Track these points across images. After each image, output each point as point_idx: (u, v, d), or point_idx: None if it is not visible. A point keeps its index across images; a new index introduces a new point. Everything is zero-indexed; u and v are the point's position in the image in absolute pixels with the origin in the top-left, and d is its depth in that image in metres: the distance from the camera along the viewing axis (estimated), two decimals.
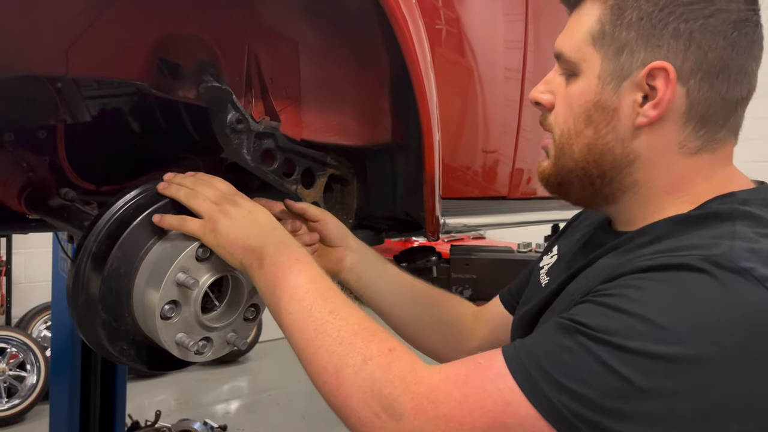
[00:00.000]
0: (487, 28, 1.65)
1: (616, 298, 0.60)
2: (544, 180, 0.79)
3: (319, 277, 0.75)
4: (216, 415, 4.08)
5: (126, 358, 0.82)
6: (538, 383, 0.59)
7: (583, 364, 0.58)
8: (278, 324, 0.75)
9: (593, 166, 0.73)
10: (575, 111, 0.72)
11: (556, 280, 0.80)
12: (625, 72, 0.69)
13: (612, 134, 0.71)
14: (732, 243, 0.61)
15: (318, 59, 1.12)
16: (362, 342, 0.67)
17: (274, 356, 5.14)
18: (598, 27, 0.71)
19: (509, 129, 1.75)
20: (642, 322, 0.57)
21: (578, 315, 0.61)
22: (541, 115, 0.79)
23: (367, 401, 0.64)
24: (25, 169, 1.14)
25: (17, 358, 3.86)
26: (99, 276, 0.78)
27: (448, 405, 0.62)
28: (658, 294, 0.59)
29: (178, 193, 0.83)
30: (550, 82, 0.77)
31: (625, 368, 0.56)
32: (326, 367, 0.67)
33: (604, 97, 0.70)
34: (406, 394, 0.63)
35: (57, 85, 1.08)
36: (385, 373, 0.65)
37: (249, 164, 1.10)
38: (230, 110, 1.04)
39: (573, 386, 0.58)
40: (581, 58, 0.72)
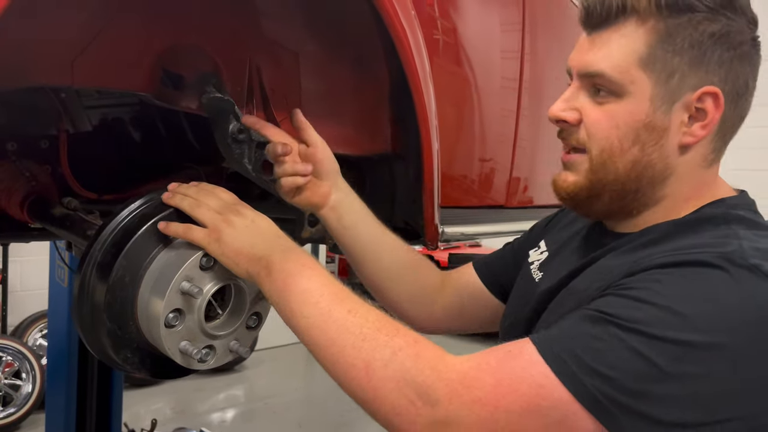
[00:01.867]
0: (484, 38, 1.67)
1: (640, 291, 0.65)
2: (571, 194, 0.81)
3: (330, 281, 0.77)
4: (212, 423, 4.07)
5: (130, 366, 0.83)
6: (572, 368, 0.63)
7: (614, 351, 0.62)
8: (293, 329, 0.75)
9: (633, 182, 0.77)
10: (622, 129, 0.75)
11: (553, 277, 0.85)
12: (676, 95, 0.74)
13: (658, 152, 0.76)
14: (740, 242, 0.68)
15: (318, 70, 1.14)
16: (386, 336, 0.69)
17: (271, 365, 5.13)
18: (648, 51, 0.74)
19: (506, 138, 1.77)
20: (666, 312, 0.63)
21: (604, 306, 0.66)
22: (561, 131, 0.81)
23: (402, 390, 0.65)
24: (28, 178, 1.15)
25: (12, 366, 3.84)
26: (104, 285, 0.79)
27: (483, 390, 0.64)
28: (680, 287, 0.64)
29: (182, 203, 0.84)
30: (572, 99, 0.79)
31: (652, 353, 0.61)
32: (354, 364, 0.68)
33: (656, 119, 0.74)
34: (439, 381, 0.65)
35: (60, 96, 1.09)
36: (416, 362, 0.66)
37: (250, 173, 1.11)
38: (232, 120, 1.05)
39: (605, 371, 0.62)
40: (629, 80, 0.74)
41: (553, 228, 1.01)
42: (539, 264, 0.94)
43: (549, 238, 0.98)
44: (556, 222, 1.02)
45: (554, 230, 1.00)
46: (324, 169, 1.03)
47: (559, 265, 0.87)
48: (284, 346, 5.40)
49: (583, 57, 0.78)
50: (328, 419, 4.11)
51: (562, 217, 1.02)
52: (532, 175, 1.89)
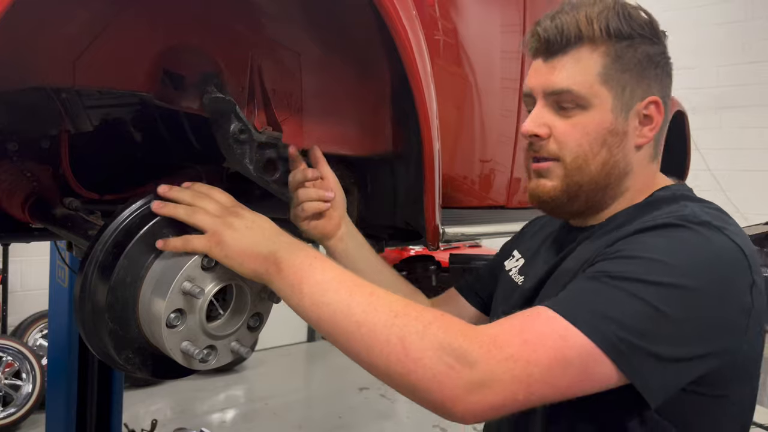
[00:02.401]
0: (485, 38, 1.67)
1: (625, 251, 0.79)
2: (550, 198, 0.92)
3: (343, 271, 0.79)
4: (212, 424, 4.07)
5: (131, 366, 0.83)
6: (587, 317, 0.72)
7: (620, 298, 0.73)
8: (314, 320, 0.76)
9: (603, 179, 0.91)
10: (592, 136, 0.89)
11: (535, 275, 0.96)
12: (629, 104, 0.90)
13: (621, 153, 0.90)
14: (692, 208, 0.84)
15: (319, 71, 1.14)
16: (416, 312, 0.74)
17: (271, 365, 5.13)
18: (604, 70, 0.88)
19: (507, 139, 1.77)
20: (652, 262, 0.75)
21: (601, 269, 0.78)
22: (531, 144, 0.93)
23: (441, 357, 0.70)
24: (29, 179, 1.15)
25: (13, 366, 3.84)
26: (106, 285, 0.79)
27: (513, 347, 0.71)
28: (657, 243, 0.78)
29: (177, 212, 0.83)
30: (540, 117, 0.91)
31: (649, 296, 0.73)
32: (389, 340, 0.71)
33: (617, 125, 0.89)
34: (474, 343, 0.70)
35: (61, 96, 1.09)
36: (448, 332, 0.71)
37: (251, 174, 1.11)
38: (233, 121, 1.05)
39: (616, 315, 0.72)
40: (593, 94, 0.88)
41: (523, 238, 1.14)
42: (518, 269, 1.05)
43: (521, 247, 1.11)
44: (524, 233, 1.16)
45: (524, 240, 1.13)
46: (337, 199, 1.11)
47: (538, 265, 0.98)
48: (284, 347, 5.41)
49: (547, 79, 0.90)
50: (328, 420, 4.11)
51: (528, 228, 1.16)
52: None
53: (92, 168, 1.26)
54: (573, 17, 0.89)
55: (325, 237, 1.11)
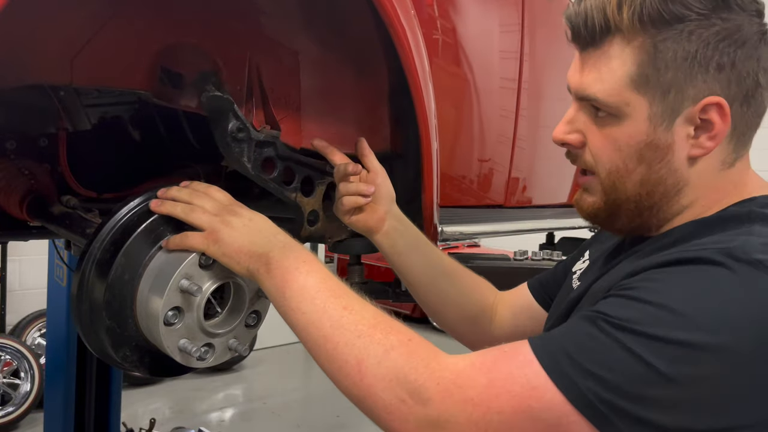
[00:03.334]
0: (484, 38, 1.67)
1: (637, 290, 0.64)
2: (591, 215, 0.81)
3: (328, 277, 0.77)
4: (211, 423, 4.07)
5: (128, 364, 0.83)
6: (565, 369, 0.61)
7: (609, 351, 0.60)
8: (291, 325, 0.75)
9: (645, 198, 0.75)
10: (624, 152, 0.74)
11: (584, 284, 0.84)
12: (676, 110, 0.71)
13: (666, 168, 0.74)
14: (747, 238, 0.65)
15: (318, 69, 1.14)
16: (381, 333, 0.69)
17: (269, 364, 5.13)
18: (638, 71, 0.71)
19: (505, 139, 1.77)
20: (663, 311, 0.60)
21: (601, 307, 0.65)
22: (568, 153, 0.81)
23: (393, 389, 0.65)
24: (27, 177, 1.15)
25: (11, 365, 3.84)
26: (103, 282, 0.79)
27: (475, 389, 0.63)
28: (678, 285, 0.62)
29: (174, 210, 0.83)
30: (574, 121, 0.78)
31: (649, 354, 0.59)
32: (347, 361, 0.68)
33: (657, 137, 0.72)
34: (431, 380, 0.64)
35: (59, 94, 1.09)
36: (408, 360, 0.66)
37: (249, 172, 1.11)
38: (231, 119, 1.05)
39: (599, 372, 0.60)
40: (624, 102, 0.72)
41: (600, 237, 0.99)
42: (580, 273, 0.93)
43: (593, 249, 0.97)
44: (604, 233, 0.98)
45: (600, 240, 0.98)
46: (381, 194, 1.08)
47: (594, 272, 0.86)
48: (282, 346, 5.40)
49: (579, 77, 0.76)
50: (327, 419, 4.11)
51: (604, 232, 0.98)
52: (531, 175, 1.89)
53: (90, 166, 1.26)
54: (601, 1, 0.72)
55: (369, 231, 1.08)
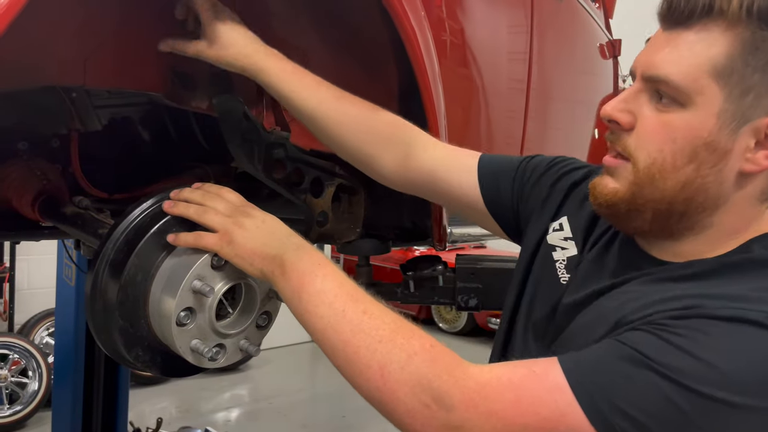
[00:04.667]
0: (492, 39, 1.67)
1: (684, 339, 0.62)
2: (609, 202, 0.75)
3: (345, 281, 0.76)
4: (217, 423, 4.08)
5: (141, 364, 0.84)
6: (600, 405, 0.62)
7: (648, 396, 0.61)
8: (307, 328, 0.75)
9: (680, 203, 0.71)
10: (678, 144, 0.69)
11: (580, 290, 0.81)
12: (747, 116, 0.67)
13: (714, 176, 0.69)
14: None
15: (327, 70, 1.14)
16: (403, 339, 0.68)
17: (275, 364, 5.14)
18: (726, 61, 0.66)
19: (514, 140, 1.77)
20: (707, 367, 0.60)
21: (642, 346, 0.63)
22: (611, 133, 0.75)
23: (417, 394, 0.65)
24: (39, 177, 1.15)
25: (19, 364, 3.86)
26: (116, 283, 0.79)
27: (501, 403, 0.63)
28: (725, 343, 0.62)
29: (187, 211, 0.83)
30: (631, 101, 0.72)
31: (687, 406, 0.60)
32: (369, 365, 0.68)
33: (720, 138, 0.67)
34: (455, 387, 0.65)
35: (71, 95, 1.10)
36: (432, 367, 0.66)
37: (259, 174, 1.12)
38: (242, 121, 1.06)
39: (635, 414, 0.61)
40: (697, 90, 0.67)
41: (575, 200, 0.91)
42: (566, 260, 0.87)
43: (571, 216, 0.90)
44: (579, 194, 0.91)
45: (575, 204, 0.91)
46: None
47: (587, 277, 0.82)
48: (288, 346, 5.41)
49: (652, 57, 0.70)
50: (333, 420, 4.11)
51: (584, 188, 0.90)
52: None
53: (101, 167, 1.27)
54: None
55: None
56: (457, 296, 1.54)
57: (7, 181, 1.15)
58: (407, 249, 5.28)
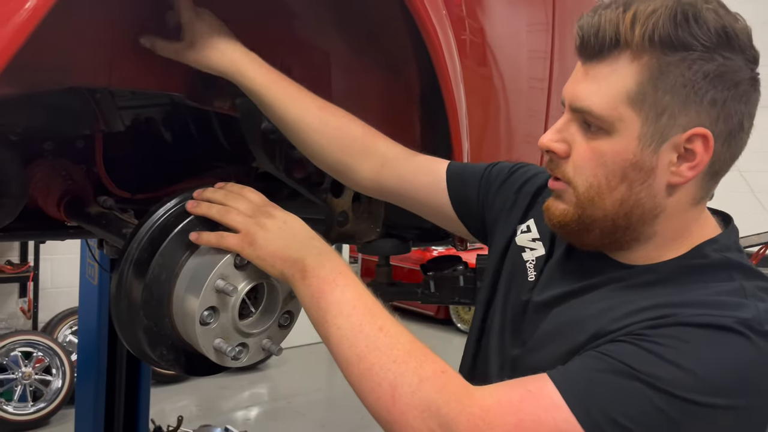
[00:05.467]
0: (513, 38, 1.66)
1: (666, 348, 0.67)
2: (561, 224, 0.80)
3: (364, 293, 0.77)
4: (236, 421, 4.11)
5: (165, 363, 0.84)
6: (596, 419, 0.65)
7: (639, 406, 0.65)
8: (323, 337, 0.76)
9: (622, 219, 0.76)
10: (609, 167, 0.74)
11: (547, 290, 0.84)
12: (665, 135, 0.72)
13: (646, 191, 0.74)
14: (756, 306, 0.69)
15: (349, 71, 1.14)
16: (416, 362, 0.70)
17: (294, 364, 5.16)
18: (637, 88, 0.71)
19: (534, 140, 1.75)
20: (691, 375, 0.65)
21: (627, 358, 0.67)
22: (550, 161, 0.80)
23: (425, 420, 0.67)
24: (64, 177, 1.17)
25: (43, 362, 3.92)
26: (141, 282, 0.80)
27: (504, 427, 0.65)
28: (704, 350, 0.67)
29: (210, 211, 0.83)
30: (564, 130, 0.77)
31: (674, 412, 0.65)
32: (380, 384, 0.69)
33: (643, 158, 0.73)
34: (462, 415, 0.66)
35: (96, 96, 1.11)
36: (441, 393, 0.68)
37: (281, 174, 1.12)
38: (264, 121, 1.06)
39: (629, 425, 0.64)
40: (617, 117, 0.72)
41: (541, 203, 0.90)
42: (534, 259, 0.91)
43: (538, 219, 0.92)
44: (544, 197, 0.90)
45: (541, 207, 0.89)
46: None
47: (553, 278, 0.86)
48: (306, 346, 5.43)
49: (575, 88, 0.76)
50: (350, 420, 4.11)
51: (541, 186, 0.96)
52: None
53: (124, 167, 1.28)
54: (616, 15, 0.72)
55: None
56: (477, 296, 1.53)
57: (33, 181, 1.16)
58: (425, 249, 5.27)
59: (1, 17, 0.62)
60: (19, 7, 0.62)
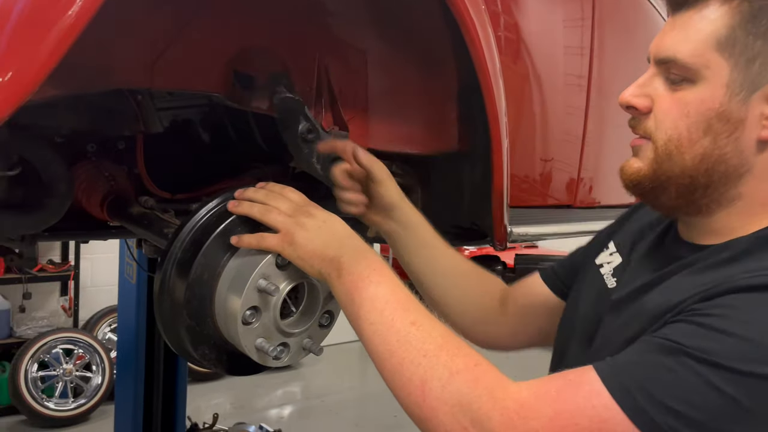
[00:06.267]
0: (552, 34, 1.63)
1: (716, 318, 0.61)
2: (634, 181, 0.77)
3: (398, 288, 0.76)
4: (270, 419, 4.14)
5: (207, 362, 0.85)
6: (641, 404, 0.59)
7: (688, 385, 0.58)
8: (357, 333, 0.75)
9: (702, 176, 0.72)
10: (692, 118, 0.71)
11: (626, 287, 0.81)
12: (756, 83, 0.69)
13: (732, 145, 0.70)
14: None
15: (386, 69, 1.13)
16: (447, 356, 0.68)
17: (326, 363, 5.18)
18: (727, 33, 0.69)
19: (574, 137, 1.72)
20: (746, 343, 0.58)
21: (675, 335, 0.62)
22: (632, 118, 0.77)
23: (456, 415, 0.64)
24: (107, 179, 1.19)
25: (83, 359, 4.02)
26: (184, 282, 0.80)
27: (539, 421, 0.62)
28: (758, 314, 0.60)
29: (251, 210, 0.84)
30: (646, 85, 0.75)
31: (732, 388, 0.57)
32: (411, 379, 0.68)
33: (731, 107, 0.69)
34: (495, 409, 0.63)
35: (137, 98, 1.12)
36: (473, 387, 0.65)
37: (319, 173, 1.12)
38: (302, 121, 1.06)
39: (679, 407, 0.58)
40: (703, 64, 0.70)
41: (622, 227, 0.95)
42: (612, 269, 0.89)
43: (618, 239, 0.93)
44: (624, 221, 0.96)
45: (624, 230, 0.94)
46: (381, 204, 1.05)
47: (633, 275, 0.82)
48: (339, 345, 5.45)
49: (661, 40, 0.74)
50: (384, 419, 4.11)
51: (630, 215, 0.96)
52: (602, 174, 1.83)
53: (163, 168, 1.30)
54: None
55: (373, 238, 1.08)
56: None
57: (78, 182, 1.18)
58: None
59: (49, 20, 0.62)
60: (66, 10, 0.63)
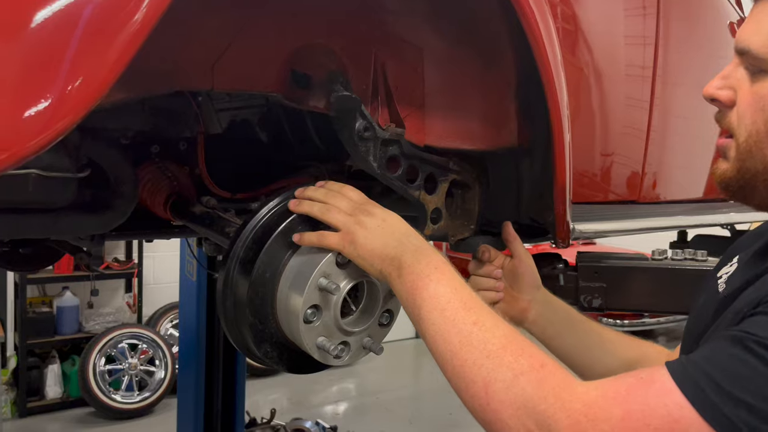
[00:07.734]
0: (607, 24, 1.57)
1: None
2: (722, 183, 0.76)
3: (460, 286, 0.74)
4: (326, 415, 4.19)
5: (269, 360, 0.85)
6: (712, 398, 0.57)
7: (762, 377, 0.56)
8: (420, 333, 0.74)
9: None
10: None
11: (729, 288, 0.78)
12: None
13: None
14: None
15: (442, 64, 1.12)
16: (511, 356, 0.66)
17: (381, 360, 5.18)
18: None
19: (637, 131, 1.65)
20: None
21: (751, 327, 0.59)
22: (718, 112, 0.75)
23: (521, 417, 0.63)
24: (170, 179, 1.22)
25: (147, 354, 4.17)
26: (246, 280, 0.81)
27: (609, 422, 0.59)
28: None
29: (312, 209, 0.84)
30: (729, 76, 0.73)
31: None
32: (474, 381, 0.66)
33: None
34: (562, 411, 0.61)
35: (197, 99, 1.15)
36: (538, 389, 0.63)
37: (375, 171, 1.11)
38: (358, 118, 1.06)
39: (752, 400, 0.56)
40: None
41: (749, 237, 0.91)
42: (727, 277, 0.85)
43: (743, 252, 0.88)
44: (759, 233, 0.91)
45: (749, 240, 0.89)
46: (524, 283, 1.06)
47: (739, 276, 0.80)
48: (393, 342, 5.47)
49: (741, 30, 0.72)
50: (438, 417, 4.10)
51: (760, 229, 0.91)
52: (668, 168, 1.76)
53: (223, 168, 1.32)
54: None
55: (513, 321, 1.04)
56: (579, 296, 1.46)
57: (142, 183, 1.22)
58: None
59: (116, 26, 0.64)
60: (132, 15, 0.64)
